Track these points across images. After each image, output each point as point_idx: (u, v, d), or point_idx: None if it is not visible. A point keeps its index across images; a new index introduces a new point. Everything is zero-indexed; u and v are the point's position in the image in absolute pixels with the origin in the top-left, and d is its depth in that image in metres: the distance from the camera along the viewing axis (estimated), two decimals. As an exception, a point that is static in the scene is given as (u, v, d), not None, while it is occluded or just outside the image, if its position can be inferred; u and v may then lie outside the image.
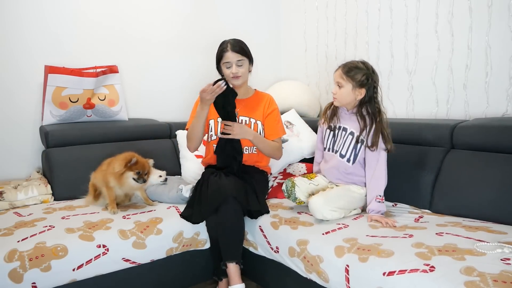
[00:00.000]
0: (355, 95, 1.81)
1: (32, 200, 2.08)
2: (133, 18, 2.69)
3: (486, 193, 1.70)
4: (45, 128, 2.30)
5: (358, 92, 1.80)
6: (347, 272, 1.41)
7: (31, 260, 1.51)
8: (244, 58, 1.98)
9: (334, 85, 1.87)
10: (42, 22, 2.38)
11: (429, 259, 1.30)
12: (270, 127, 2.07)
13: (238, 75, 1.98)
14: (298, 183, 1.84)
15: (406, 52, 2.41)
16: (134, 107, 2.73)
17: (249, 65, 2.04)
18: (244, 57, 1.99)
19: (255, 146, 2.02)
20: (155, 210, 1.95)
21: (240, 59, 1.97)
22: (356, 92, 1.80)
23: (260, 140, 2.00)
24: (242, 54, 1.98)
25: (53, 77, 2.28)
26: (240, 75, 1.98)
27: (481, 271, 1.19)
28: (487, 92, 2.06)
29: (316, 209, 1.70)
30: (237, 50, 1.96)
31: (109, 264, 1.68)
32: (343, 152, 1.88)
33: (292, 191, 1.83)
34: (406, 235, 1.51)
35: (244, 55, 1.99)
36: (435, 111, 2.30)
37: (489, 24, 2.02)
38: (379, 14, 2.54)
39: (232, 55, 1.96)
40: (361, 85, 1.79)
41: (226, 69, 1.99)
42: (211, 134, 2.09)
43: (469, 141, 1.88)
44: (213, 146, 2.04)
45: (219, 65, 2.03)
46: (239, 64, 1.97)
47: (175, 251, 1.87)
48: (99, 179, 1.99)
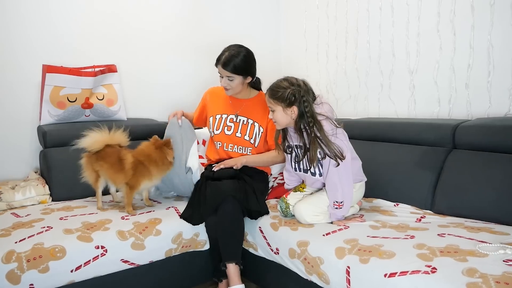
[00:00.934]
0: (289, 115, 1.72)
1: (29, 201, 2.08)
2: (133, 17, 2.69)
3: (489, 193, 1.70)
4: (43, 128, 2.30)
5: (290, 111, 1.71)
6: (348, 273, 1.41)
7: (28, 261, 1.51)
8: (233, 75, 1.97)
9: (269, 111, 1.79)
10: (41, 21, 2.38)
11: (431, 260, 1.30)
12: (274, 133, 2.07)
13: (227, 88, 2.02)
14: (291, 202, 1.83)
15: (408, 51, 2.41)
16: (133, 107, 2.73)
17: (244, 79, 2.02)
18: (234, 75, 1.97)
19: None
20: (154, 211, 1.95)
21: (230, 76, 1.97)
22: (288, 111, 1.71)
23: (255, 159, 2.06)
24: (233, 72, 1.96)
25: (51, 77, 2.28)
26: (229, 88, 2.02)
27: (484, 272, 1.19)
28: (490, 91, 2.06)
29: (299, 215, 1.75)
30: (228, 69, 1.95)
31: (108, 265, 1.68)
32: (312, 170, 1.77)
33: (288, 211, 1.83)
34: (408, 236, 1.51)
35: (234, 73, 1.96)
36: (436, 111, 2.30)
37: (492, 23, 2.02)
38: (381, 13, 2.54)
39: (221, 70, 1.98)
40: (290, 103, 1.69)
41: (220, 77, 2.03)
42: (211, 130, 2.14)
43: (471, 141, 1.88)
44: (214, 142, 2.14)
45: None
46: (230, 79, 1.99)
47: (174, 252, 1.87)
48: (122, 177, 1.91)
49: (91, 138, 1.93)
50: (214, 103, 2.16)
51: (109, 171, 1.94)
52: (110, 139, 1.97)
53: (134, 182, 1.90)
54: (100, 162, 1.94)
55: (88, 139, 1.93)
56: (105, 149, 1.95)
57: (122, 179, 1.92)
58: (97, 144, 1.94)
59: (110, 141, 1.96)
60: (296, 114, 1.71)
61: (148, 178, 1.92)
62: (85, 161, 1.98)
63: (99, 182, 1.98)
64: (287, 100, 1.69)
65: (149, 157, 1.90)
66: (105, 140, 1.95)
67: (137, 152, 1.94)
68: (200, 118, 2.25)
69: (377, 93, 2.61)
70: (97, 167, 1.95)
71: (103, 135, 1.96)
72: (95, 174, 1.97)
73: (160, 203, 2.09)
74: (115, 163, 1.92)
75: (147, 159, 1.90)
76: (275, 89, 1.73)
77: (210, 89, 2.24)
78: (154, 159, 1.89)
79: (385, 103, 2.58)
